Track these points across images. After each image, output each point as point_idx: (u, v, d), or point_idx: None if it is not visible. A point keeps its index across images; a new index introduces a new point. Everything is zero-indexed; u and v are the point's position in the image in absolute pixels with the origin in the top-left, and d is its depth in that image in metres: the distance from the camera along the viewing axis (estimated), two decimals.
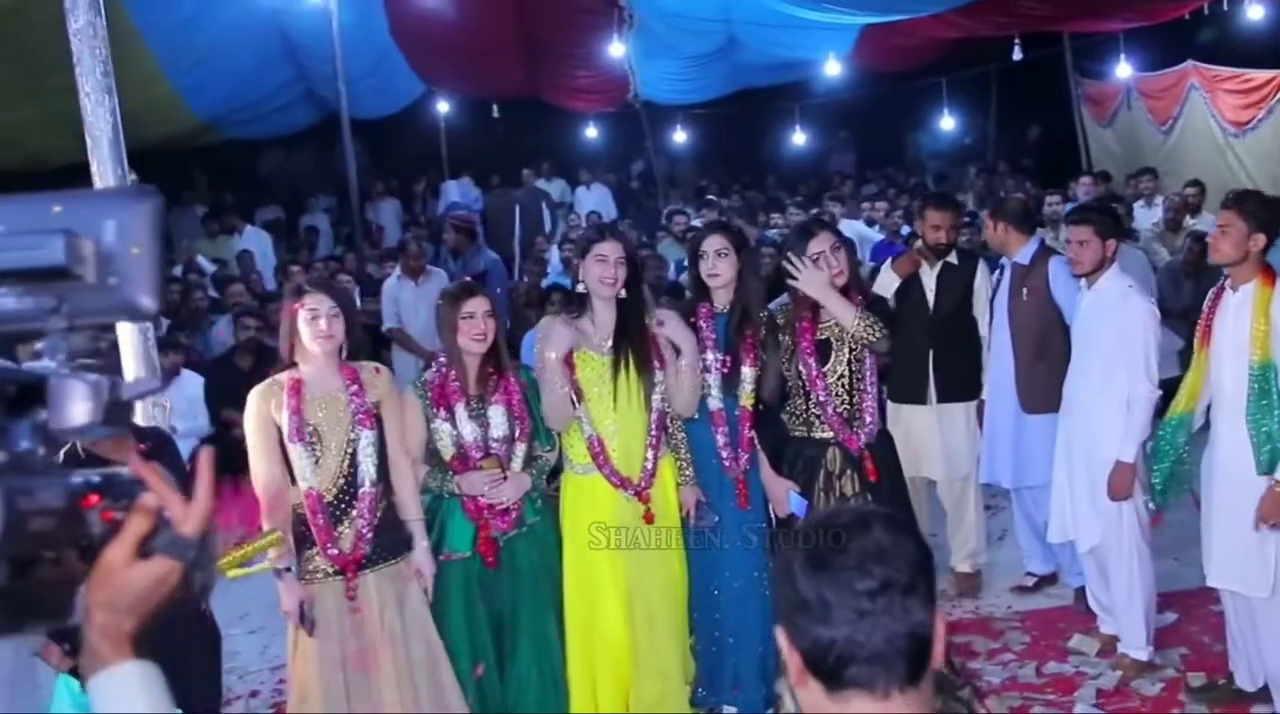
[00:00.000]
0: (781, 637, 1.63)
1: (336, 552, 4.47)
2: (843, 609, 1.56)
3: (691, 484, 5.05)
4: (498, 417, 4.82)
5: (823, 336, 4.95)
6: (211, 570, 1.47)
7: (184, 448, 8.32)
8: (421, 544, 4.68)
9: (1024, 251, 5.98)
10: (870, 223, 12.53)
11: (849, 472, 4.93)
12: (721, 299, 5.11)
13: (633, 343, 4.89)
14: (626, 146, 18.93)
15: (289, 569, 4.46)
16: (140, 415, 4.95)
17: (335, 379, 4.54)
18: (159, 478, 1.44)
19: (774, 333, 5.04)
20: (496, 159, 17.75)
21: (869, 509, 1.70)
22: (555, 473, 5.08)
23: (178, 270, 13.53)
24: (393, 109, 15.93)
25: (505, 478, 4.77)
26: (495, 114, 16.48)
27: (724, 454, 5.07)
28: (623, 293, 4.85)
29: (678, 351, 4.92)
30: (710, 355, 5.04)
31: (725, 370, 5.04)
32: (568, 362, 4.86)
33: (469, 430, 4.79)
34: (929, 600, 1.60)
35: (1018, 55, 13.04)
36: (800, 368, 4.93)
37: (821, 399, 4.91)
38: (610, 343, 4.89)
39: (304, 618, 4.45)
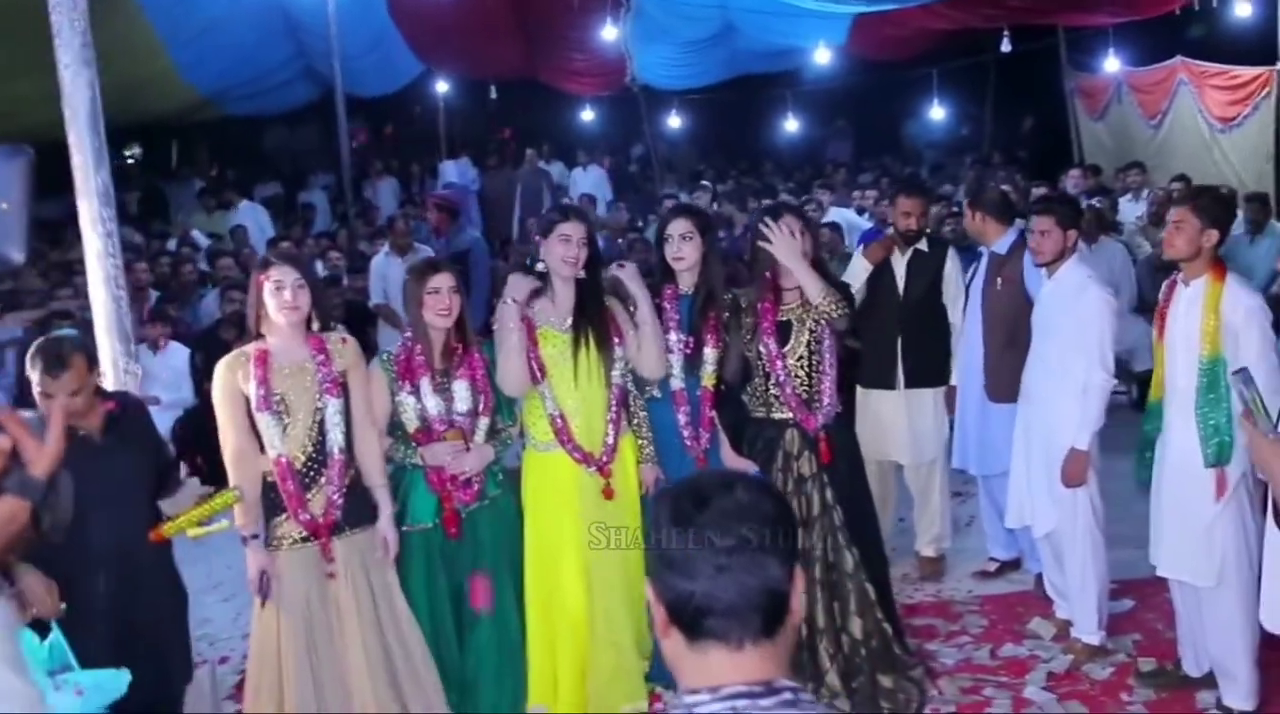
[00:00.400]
0: (649, 589, 1.69)
1: (308, 517, 4.51)
2: (702, 564, 1.63)
3: (651, 462, 5.10)
4: (461, 390, 4.86)
5: (783, 318, 4.98)
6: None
7: (168, 418, 8.43)
8: (386, 511, 4.72)
9: (1002, 242, 6.00)
10: (860, 211, 12.59)
11: (806, 453, 4.97)
12: (686, 281, 5.14)
13: (592, 321, 4.93)
14: (624, 129, 18.95)
15: (255, 536, 4.51)
16: (111, 381, 4.98)
17: (302, 349, 4.57)
18: (16, 422, 1.48)
19: (737, 314, 5.07)
20: (494, 140, 17.78)
21: (735, 472, 1.76)
22: None
23: (171, 243, 13.61)
24: (392, 88, 15.97)
25: (468, 449, 4.82)
26: (493, 95, 16.51)
27: (685, 433, 5.11)
28: (582, 273, 4.90)
29: (633, 314, 4.95)
30: (674, 336, 5.08)
31: (688, 351, 5.08)
32: (530, 336, 4.90)
33: (433, 403, 4.83)
34: (786, 559, 1.65)
35: (1006, 47, 13.03)
36: (760, 348, 4.96)
37: (780, 379, 4.94)
38: (570, 321, 4.93)
39: (263, 586, 4.49)
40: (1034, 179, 12.84)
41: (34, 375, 4.20)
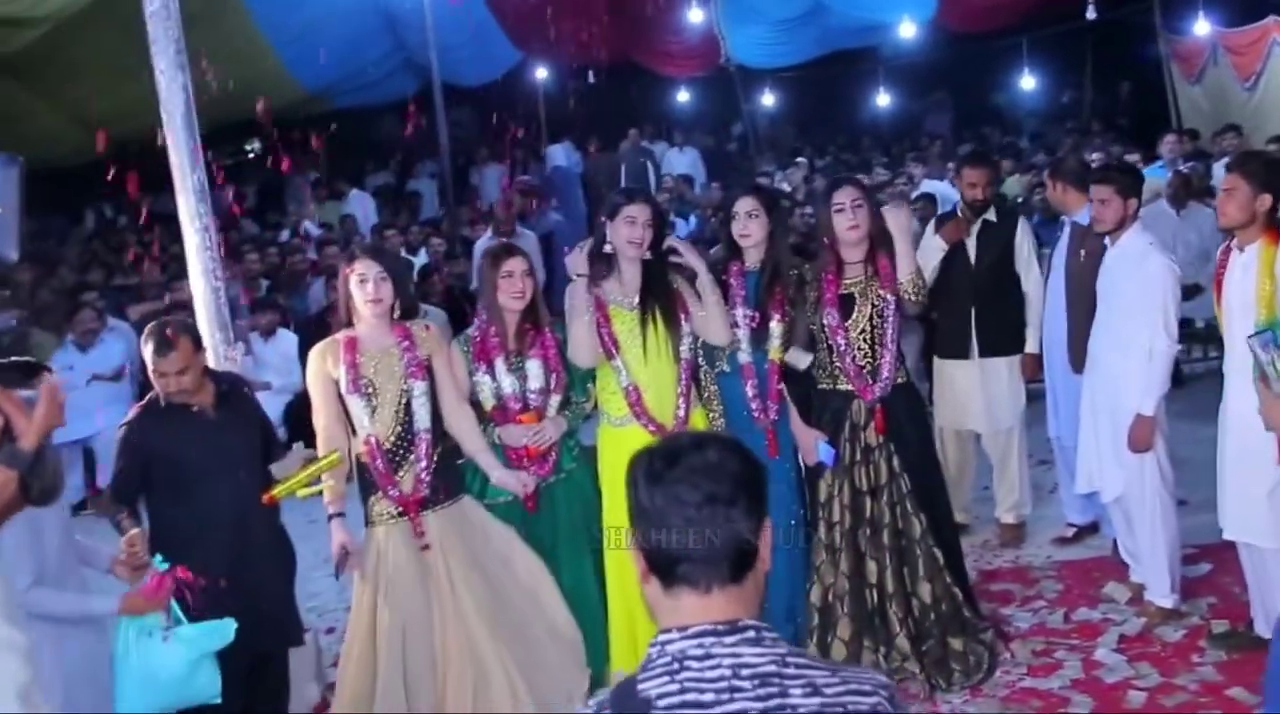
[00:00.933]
0: (630, 540, 1.84)
1: (398, 493, 4.72)
2: (673, 517, 1.78)
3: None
4: (534, 369, 5.03)
5: (846, 292, 5.05)
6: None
7: (279, 402, 8.76)
8: (496, 470, 4.88)
9: (1083, 212, 5.95)
10: (954, 183, 12.57)
11: (872, 423, 5.04)
12: (752, 258, 5.24)
13: (659, 299, 5.06)
14: (719, 109, 19.00)
15: (340, 514, 4.74)
16: (213, 363, 5.21)
17: (388, 337, 4.78)
18: (6, 399, 1.67)
19: (802, 288, 5.16)
20: (593, 124, 17.96)
21: (709, 433, 1.90)
22: None
23: (285, 234, 14.05)
24: (492, 76, 16.20)
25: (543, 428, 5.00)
26: (591, 80, 16.67)
27: (753, 406, 5.21)
28: (648, 254, 5.03)
29: (693, 284, 5.09)
30: (740, 311, 5.19)
31: (754, 325, 5.18)
32: (602, 312, 5.06)
33: (508, 383, 5.01)
34: (752, 513, 1.80)
35: (1091, 14, 12.80)
36: (823, 320, 5.04)
37: (841, 350, 5.01)
38: (637, 300, 5.07)
39: (341, 562, 4.70)
40: (1132, 145, 12.68)
41: (146, 356, 4.53)
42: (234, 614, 4.21)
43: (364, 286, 4.72)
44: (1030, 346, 6.22)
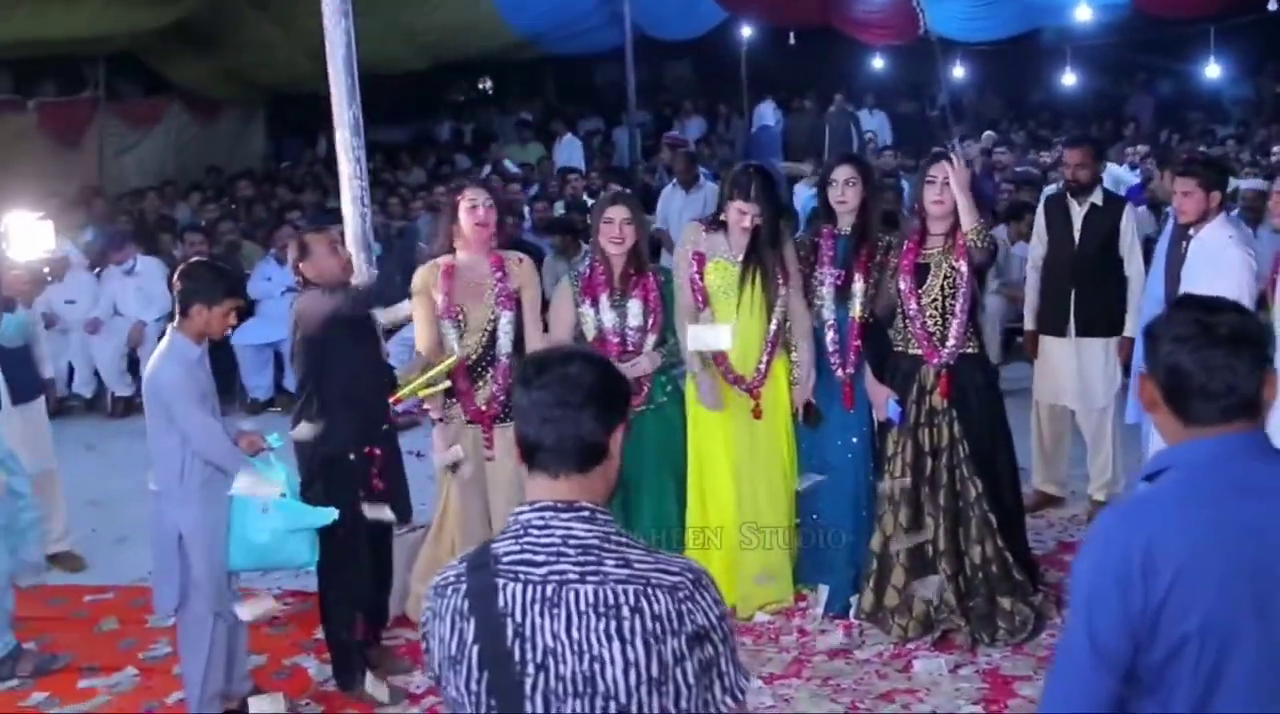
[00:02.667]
0: (514, 431, 2.17)
1: (475, 408, 5.13)
2: (534, 416, 2.12)
3: (801, 386, 5.45)
4: (635, 308, 5.33)
5: (924, 260, 5.17)
6: None
7: None
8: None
9: None
10: (1132, 167, 12.37)
11: (938, 388, 5.17)
12: (845, 223, 5.42)
13: (762, 261, 5.30)
14: (915, 78, 18.79)
15: (442, 420, 5.17)
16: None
17: (484, 265, 5.16)
18: None
19: (887, 256, 5.31)
20: (793, 85, 18.04)
21: (577, 349, 2.23)
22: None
23: (486, 170, 14.63)
24: (695, 33, 16.44)
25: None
26: (791, 41, 16.75)
27: (833, 360, 5.43)
28: (758, 220, 5.26)
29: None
30: (827, 271, 5.40)
31: (839, 283, 5.38)
32: (700, 267, 5.34)
33: (609, 318, 5.33)
34: (601, 419, 2.12)
35: (1273, 6, 12.19)
36: (899, 285, 5.18)
37: (911, 314, 5.15)
38: (743, 256, 5.32)
39: (454, 462, 5.15)
40: None
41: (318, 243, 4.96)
42: (368, 488, 4.72)
43: (474, 212, 5.12)
44: (1129, 330, 6.20)
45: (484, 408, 5.14)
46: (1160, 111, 18.11)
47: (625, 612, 2.01)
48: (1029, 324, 6.54)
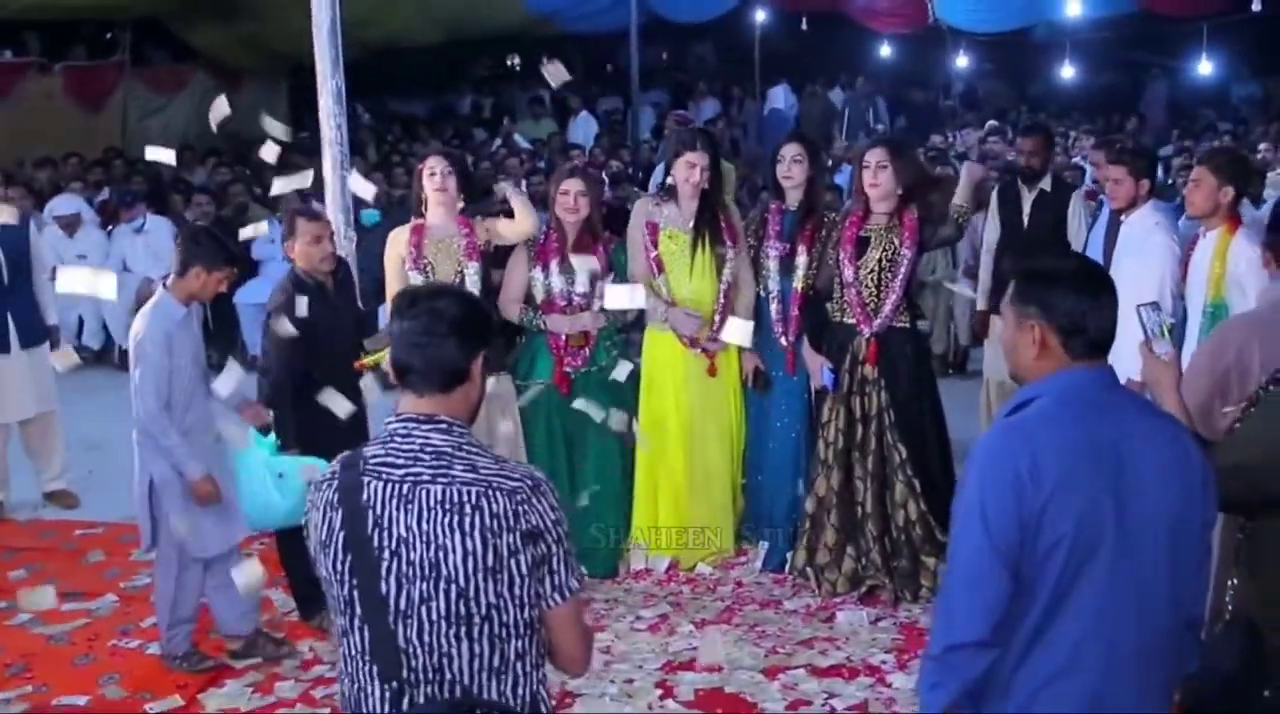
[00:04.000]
0: (389, 356, 2.48)
1: None
2: (405, 342, 2.43)
3: (751, 352, 5.71)
4: (581, 275, 5.61)
5: (865, 234, 5.40)
6: None
7: None
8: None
9: None
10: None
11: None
12: (792, 198, 5.67)
13: (710, 226, 5.57)
14: (922, 66, 18.97)
15: None
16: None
17: (451, 225, 5.46)
18: None
19: (831, 231, 5.55)
20: (805, 70, 18.23)
21: (446, 286, 2.52)
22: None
23: (496, 144, 14.89)
24: (710, 15, 16.62)
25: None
26: (804, 27, 16.94)
27: (777, 328, 5.70)
28: (706, 185, 5.53)
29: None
30: (773, 243, 5.66)
31: (784, 255, 5.64)
32: (653, 236, 5.62)
33: (557, 282, 5.61)
34: (463, 347, 2.43)
35: (1257, 6, 12.21)
36: (839, 253, 5.41)
37: (848, 282, 5.37)
38: (692, 224, 5.59)
39: None
40: None
41: (304, 226, 5.19)
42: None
43: (433, 178, 5.43)
44: None
45: None
46: (1171, 107, 18.14)
47: (468, 509, 2.32)
48: (980, 304, 6.78)
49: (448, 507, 2.33)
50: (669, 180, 5.68)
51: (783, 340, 5.68)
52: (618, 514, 5.77)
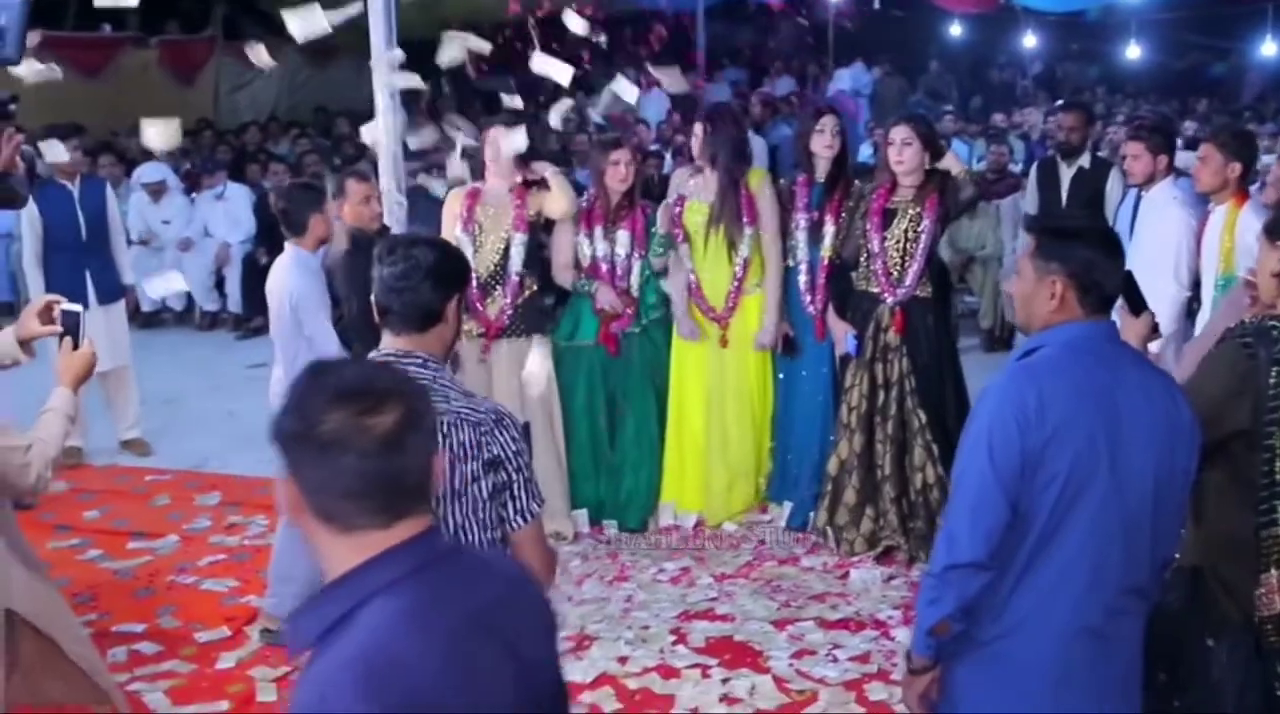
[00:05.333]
0: (373, 297, 2.68)
1: (484, 317, 5.62)
2: (385, 287, 2.65)
3: (781, 320, 5.85)
4: (623, 238, 5.81)
5: (891, 206, 5.49)
6: None
7: None
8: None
9: None
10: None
11: (893, 325, 5.51)
12: (821, 170, 5.78)
13: (730, 202, 5.71)
14: (996, 47, 18.81)
15: None
16: (385, 210, 6.15)
17: (506, 193, 5.67)
18: None
19: (859, 202, 5.65)
20: (878, 48, 18.17)
21: (424, 237, 2.76)
22: None
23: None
24: None
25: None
26: (876, 6, 16.83)
27: (805, 296, 5.82)
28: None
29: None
30: (801, 214, 5.78)
31: (811, 223, 5.76)
32: (680, 206, 5.80)
33: (601, 247, 5.81)
34: (438, 290, 2.62)
35: None
36: (866, 226, 5.51)
37: (874, 253, 5.48)
38: (714, 198, 5.73)
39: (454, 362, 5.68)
40: None
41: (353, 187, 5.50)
42: None
43: (493, 147, 5.62)
44: None
45: (492, 318, 5.63)
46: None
47: (438, 436, 2.50)
48: None
49: None
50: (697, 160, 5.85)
51: (811, 308, 5.81)
52: (652, 472, 5.96)
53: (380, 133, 6.29)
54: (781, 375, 5.97)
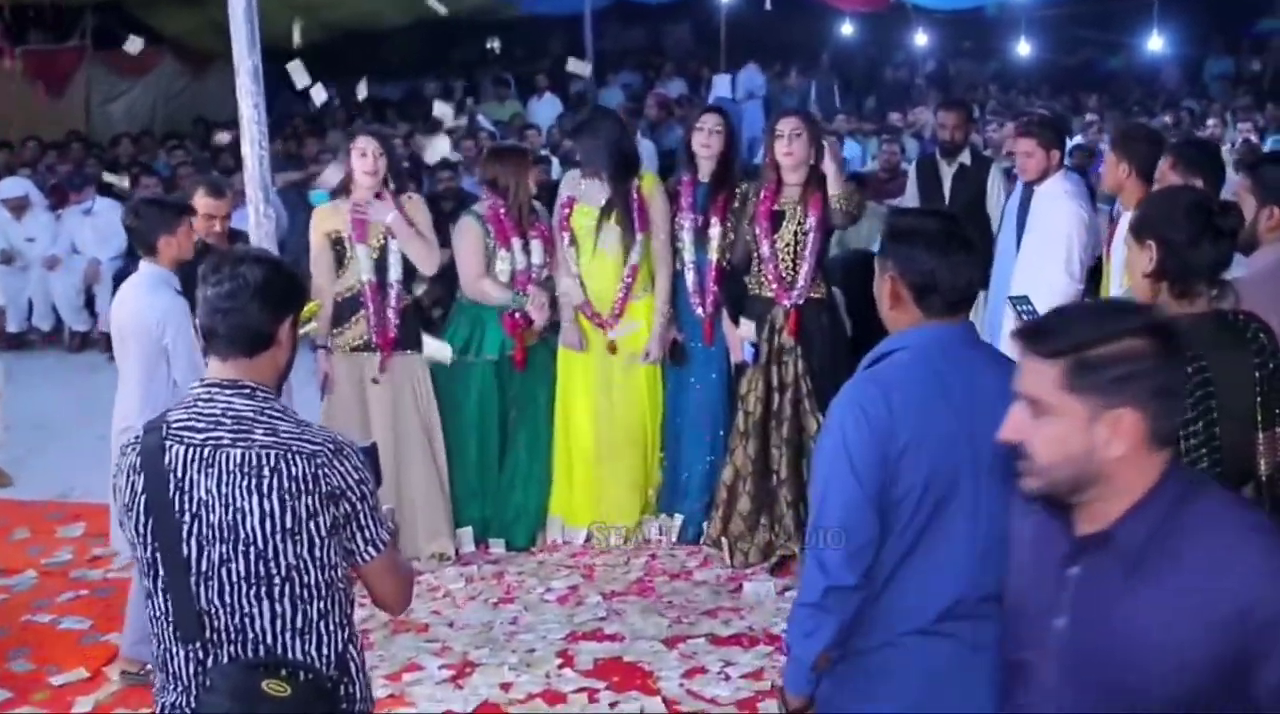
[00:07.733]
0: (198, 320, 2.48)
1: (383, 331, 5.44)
2: (209, 308, 2.44)
3: (670, 326, 5.71)
4: (537, 248, 5.66)
5: (779, 208, 5.38)
6: None
7: None
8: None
9: None
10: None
11: (786, 327, 5.40)
12: (705, 170, 5.65)
13: (619, 206, 5.57)
14: (888, 46, 18.97)
15: (324, 346, 5.47)
16: (252, 222, 5.93)
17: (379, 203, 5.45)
18: None
19: (744, 204, 5.54)
20: (770, 50, 18.20)
21: (251, 251, 2.62)
22: None
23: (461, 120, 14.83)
24: None
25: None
26: (768, 6, 16.84)
27: (693, 300, 5.69)
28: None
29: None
30: (686, 215, 5.65)
31: (697, 226, 5.63)
32: (569, 208, 5.67)
33: (520, 259, 5.63)
34: (266, 311, 2.42)
35: None
36: (755, 230, 5.40)
37: (765, 257, 5.36)
38: (603, 200, 5.59)
39: (324, 384, 5.47)
40: None
41: (200, 200, 5.27)
42: None
43: (364, 159, 5.39)
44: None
45: (375, 333, 5.44)
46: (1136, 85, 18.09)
47: (266, 472, 2.32)
48: None
49: (246, 470, 2.33)
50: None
51: (699, 311, 5.68)
52: (543, 487, 5.80)
53: (245, 145, 6.08)
54: (669, 383, 5.83)
